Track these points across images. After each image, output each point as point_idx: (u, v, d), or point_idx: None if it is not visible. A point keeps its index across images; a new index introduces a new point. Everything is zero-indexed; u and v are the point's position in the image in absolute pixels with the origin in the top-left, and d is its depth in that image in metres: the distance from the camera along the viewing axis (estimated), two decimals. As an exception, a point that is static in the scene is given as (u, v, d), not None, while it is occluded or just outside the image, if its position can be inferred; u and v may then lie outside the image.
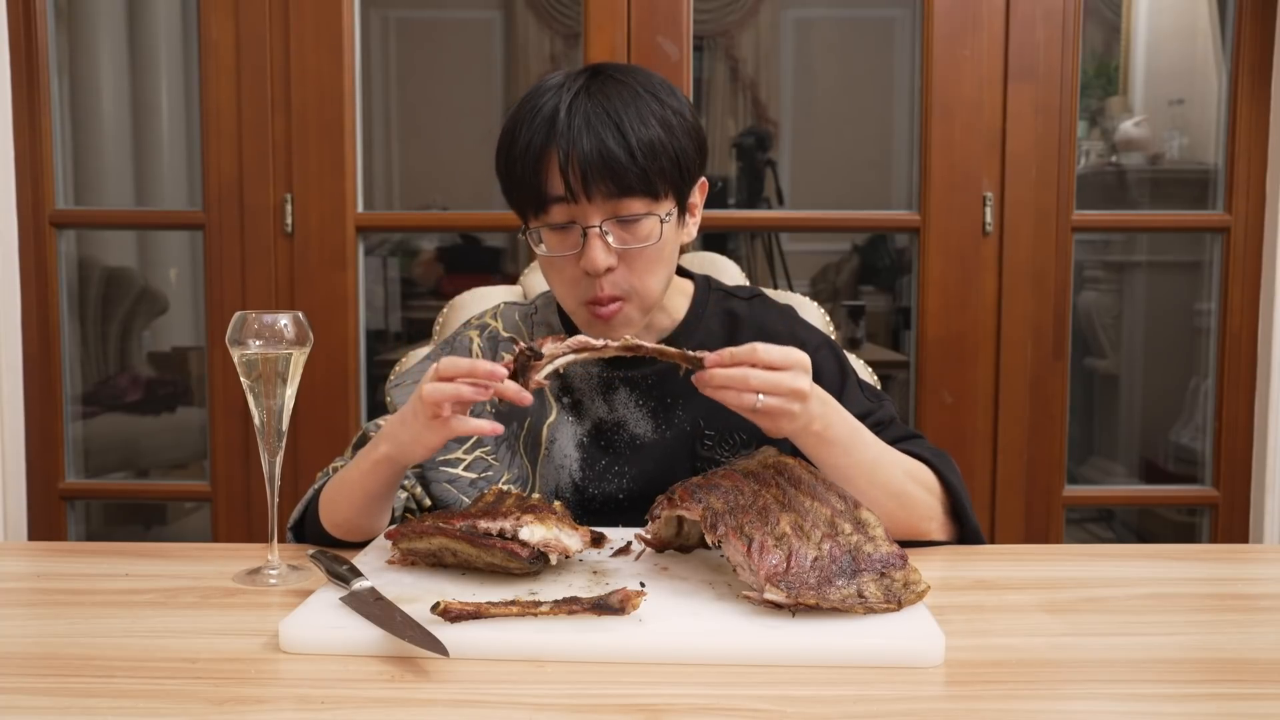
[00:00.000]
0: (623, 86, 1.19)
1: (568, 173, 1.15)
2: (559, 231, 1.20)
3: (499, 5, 4.93)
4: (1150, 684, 0.82)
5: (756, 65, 4.91)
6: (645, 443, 1.28)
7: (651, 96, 1.19)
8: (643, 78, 1.21)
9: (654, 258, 1.21)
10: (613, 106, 1.16)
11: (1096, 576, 1.11)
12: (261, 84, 2.31)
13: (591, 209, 1.17)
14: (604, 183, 1.15)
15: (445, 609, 0.87)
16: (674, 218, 1.22)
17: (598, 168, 1.15)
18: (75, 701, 0.78)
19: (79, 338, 2.86)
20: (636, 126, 1.16)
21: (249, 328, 1.07)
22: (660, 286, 1.24)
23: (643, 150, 1.16)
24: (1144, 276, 3.32)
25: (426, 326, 1.74)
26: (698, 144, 1.23)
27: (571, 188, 1.16)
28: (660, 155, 1.17)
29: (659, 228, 1.19)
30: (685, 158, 1.21)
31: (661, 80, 1.23)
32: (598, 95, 1.17)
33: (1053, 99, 2.27)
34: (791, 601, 0.89)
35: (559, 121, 1.16)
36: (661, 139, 1.17)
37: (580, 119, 1.16)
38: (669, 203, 1.21)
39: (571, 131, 1.15)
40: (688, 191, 1.25)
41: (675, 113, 1.20)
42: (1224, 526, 2.38)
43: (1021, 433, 2.33)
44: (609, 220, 1.18)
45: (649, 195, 1.18)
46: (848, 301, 4.14)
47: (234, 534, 2.38)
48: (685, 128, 1.21)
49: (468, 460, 1.28)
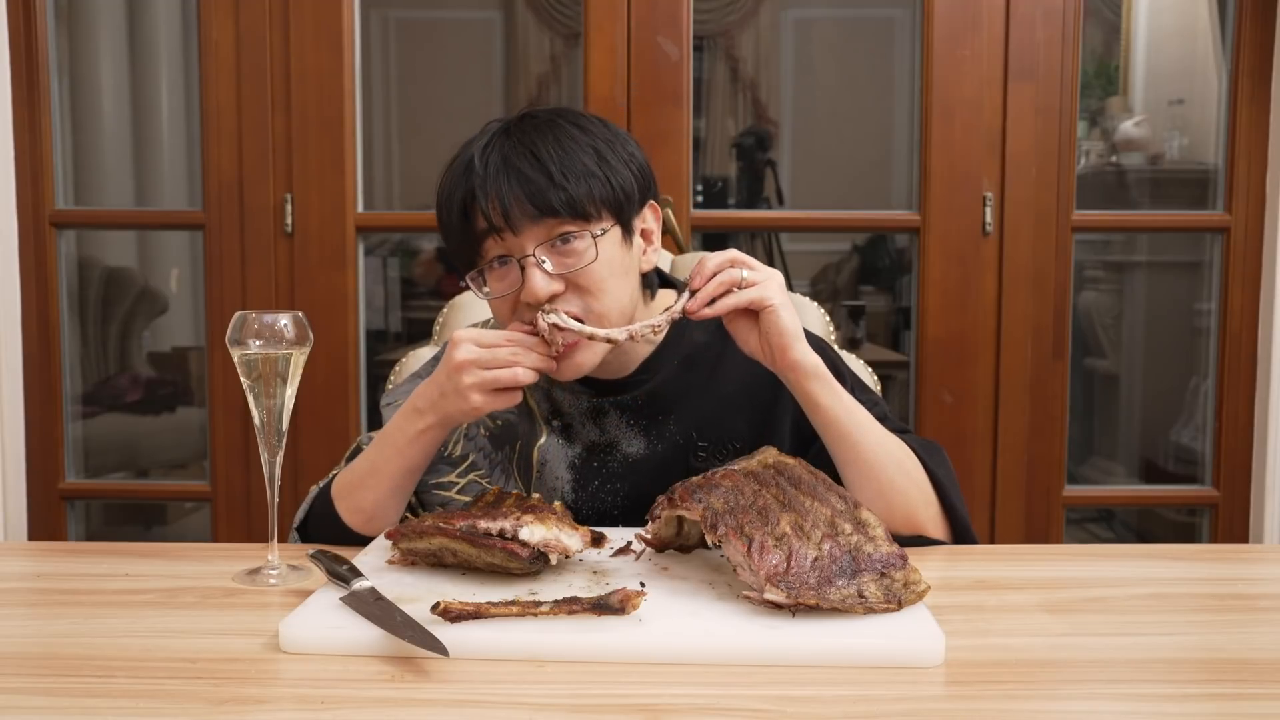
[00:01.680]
0: (544, 124, 1.18)
1: (487, 206, 1.15)
2: (498, 270, 1.19)
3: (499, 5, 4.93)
4: (1150, 684, 0.82)
5: (756, 65, 4.91)
6: (637, 459, 1.28)
7: (577, 128, 1.19)
8: (571, 116, 1.21)
9: (600, 276, 1.17)
10: (528, 139, 1.17)
11: (1096, 576, 1.11)
12: (261, 84, 2.31)
13: (522, 239, 1.16)
14: (524, 206, 1.14)
15: (445, 609, 0.87)
16: (613, 234, 1.19)
17: (515, 195, 1.14)
18: (75, 701, 0.78)
19: (79, 338, 2.86)
20: (554, 150, 1.16)
21: (249, 328, 1.07)
22: (617, 306, 1.19)
23: (563, 171, 1.15)
24: (1144, 276, 3.32)
25: (426, 326, 1.74)
26: (636, 168, 1.21)
27: (492, 220, 1.15)
28: (584, 177, 1.16)
29: (593, 245, 1.16)
30: (618, 178, 1.19)
31: (595, 118, 1.23)
32: (515, 134, 1.18)
33: (1053, 99, 2.27)
34: (791, 601, 0.89)
35: (475, 165, 1.17)
36: (585, 162, 1.16)
37: (496, 156, 1.16)
38: (605, 222, 1.18)
39: (487, 169, 1.16)
40: (630, 213, 1.21)
41: (606, 141, 1.19)
42: (1224, 526, 2.38)
43: (1021, 433, 2.33)
44: (542, 246, 1.16)
45: (576, 216, 1.16)
46: (848, 301, 4.14)
47: (234, 534, 2.38)
48: (620, 156, 1.19)
49: (461, 484, 1.27)
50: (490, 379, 1.09)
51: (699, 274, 1.10)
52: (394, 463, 1.17)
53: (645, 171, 1.23)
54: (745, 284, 1.09)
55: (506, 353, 1.09)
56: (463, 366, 1.09)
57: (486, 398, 1.10)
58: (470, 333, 1.11)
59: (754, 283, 1.09)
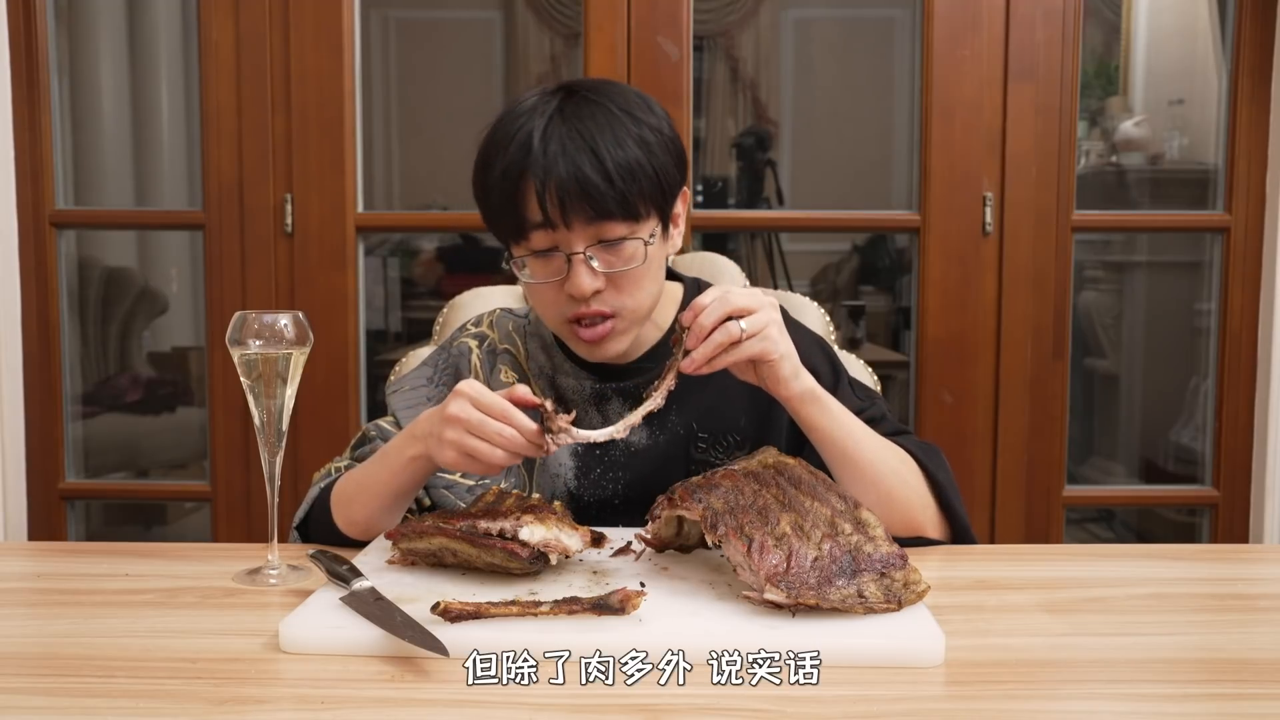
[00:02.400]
0: (596, 107, 1.17)
1: (545, 200, 1.14)
2: (542, 258, 1.19)
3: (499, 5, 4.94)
4: (1150, 684, 0.82)
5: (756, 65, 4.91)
6: (639, 449, 1.28)
7: (627, 115, 1.18)
8: (617, 96, 1.20)
9: (640, 276, 1.20)
10: (587, 130, 1.15)
11: (1096, 576, 1.11)
12: (261, 84, 2.31)
13: (573, 236, 1.16)
14: (582, 209, 1.14)
15: (445, 609, 0.87)
16: (658, 237, 1.21)
17: (575, 194, 1.14)
18: (75, 701, 0.78)
19: (79, 338, 2.86)
20: (613, 149, 1.15)
21: (249, 328, 1.07)
22: (649, 300, 1.24)
23: (620, 174, 1.14)
24: (1144, 276, 3.32)
25: (426, 326, 1.74)
26: (677, 158, 1.22)
27: (550, 216, 1.15)
28: (639, 176, 1.16)
29: (643, 249, 1.19)
30: (665, 175, 1.19)
31: (637, 95, 1.22)
32: (572, 119, 1.16)
33: (1053, 99, 2.27)
34: (791, 601, 0.89)
35: (533, 148, 1.15)
36: (639, 159, 1.16)
37: (555, 144, 1.14)
38: (651, 222, 1.20)
39: (547, 158, 1.14)
40: (670, 207, 1.23)
41: (653, 129, 1.19)
42: (1224, 526, 2.38)
43: (1021, 433, 2.33)
44: (593, 246, 1.17)
45: (630, 218, 1.17)
46: (848, 301, 4.14)
47: (234, 534, 2.38)
48: (663, 143, 1.19)
49: None
50: (469, 447, 1.05)
51: (695, 333, 1.06)
52: (387, 484, 1.16)
53: (682, 156, 1.24)
54: (744, 335, 1.06)
55: (495, 429, 1.04)
56: (452, 420, 1.06)
57: (460, 459, 1.06)
58: (473, 390, 1.07)
59: (753, 333, 1.06)
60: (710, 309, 1.06)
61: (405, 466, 1.14)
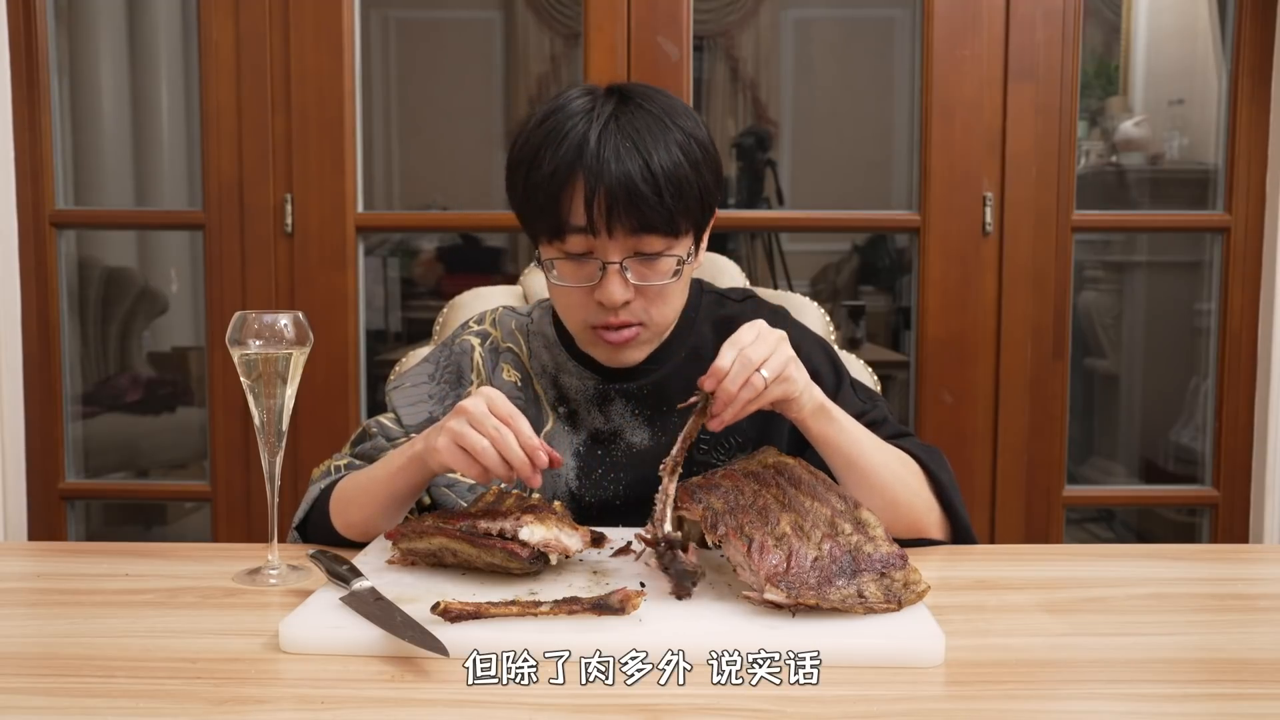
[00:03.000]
0: (652, 118, 1.16)
1: (592, 206, 1.14)
2: (575, 261, 1.18)
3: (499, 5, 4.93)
4: (1150, 684, 0.82)
5: (756, 65, 4.91)
6: (641, 449, 1.28)
7: (676, 127, 1.17)
8: (666, 103, 1.19)
9: (670, 291, 1.21)
10: (642, 140, 1.14)
11: (1096, 576, 1.11)
12: (261, 84, 2.31)
13: (612, 244, 1.16)
14: (628, 219, 1.14)
15: (445, 609, 0.87)
16: (692, 256, 1.22)
17: (624, 203, 1.13)
18: (75, 701, 0.78)
19: (79, 338, 2.86)
20: (664, 162, 1.14)
21: (249, 328, 1.07)
22: (674, 315, 1.25)
23: (670, 188, 1.14)
24: (1144, 276, 3.32)
25: (426, 326, 1.74)
26: (716, 176, 1.22)
27: (594, 222, 1.14)
28: (685, 194, 1.16)
29: (676, 265, 1.19)
30: (707, 193, 1.19)
31: (684, 107, 1.21)
32: (627, 127, 1.15)
33: (1053, 99, 2.27)
34: (791, 601, 0.89)
35: (588, 151, 1.13)
36: (687, 176, 1.16)
37: (610, 150, 1.13)
38: (687, 240, 1.20)
39: (600, 163, 1.13)
40: (705, 227, 1.24)
41: (700, 145, 1.18)
42: (1224, 526, 2.38)
43: (1021, 433, 2.33)
44: (630, 257, 1.17)
45: (670, 233, 1.17)
46: (848, 301, 4.14)
47: (234, 534, 2.38)
48: (708, 161, 1.19)
49: None
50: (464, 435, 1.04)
51: (722, 399, 1.04)
52: (384, 485, 1.16)
53: (720, 174, 1.24)
54: (767, 384, 1.04)
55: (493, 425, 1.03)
56: (460, 411, 1.05)
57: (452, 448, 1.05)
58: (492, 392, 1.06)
59: (774, 379, 1.04)
60: (733, 374, 1.03)
61: (403, 467, 1.14)
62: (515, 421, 1.04)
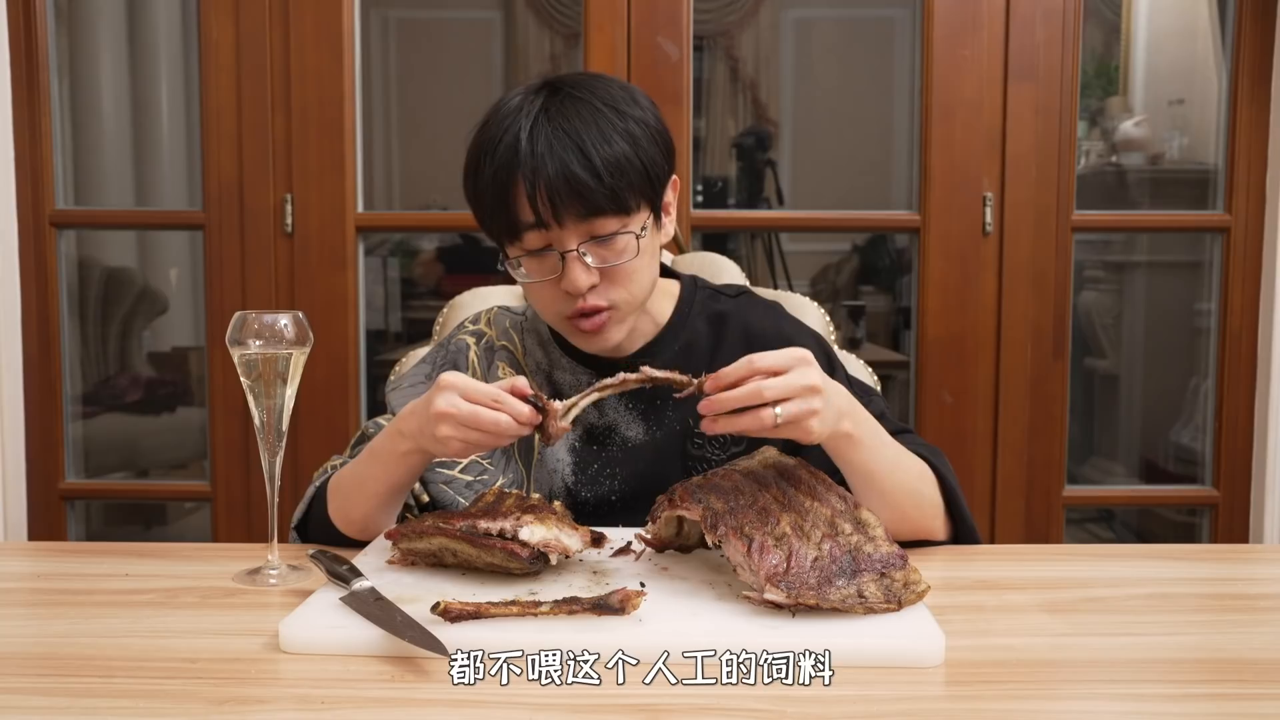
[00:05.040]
0: (581, 104, 1.18)
1: (536, 201, 1.15)
2: (536, 257, 1.20)
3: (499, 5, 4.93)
4: (1150, 684, 0.82)
5: (756, 65, 4.91)
6: (636, 445, 1.28)
7: (612, 109, 1.18)
8: (601, 90, 1.20)
9: (634, 268, 1.21)
10: (573, 128, 1.16)
11: (1096, 576, 1.11)
12: (261, 84, 2.31)
13: (565, 233, 1.17)
14: (573, 207, 1.15)
15: (445, 609, 0.87)
16: (649, 229, 1.22)
17: (565, 193, 1.15)
18: (75, 701, 0.78)
19: (79, 338, 2.86)
20: (600, 146, 1.15)
21: (249, 328, 1.07)
22: (644, 291, 1.25)
23: (609, 170, 1.15)
24: (1144, 276, 3.32)
25: (426, 326, 1.74)
26: (664, 148, 1.22)
27: (541, 216, 1.16)
28: (627, 171, 1.17)
29: (634, 242, 1.20)
30: (654, 167, 1.20)
31: (621, 87, 1.22)
32: (557, 117, 1.16)
33: (1053, 99, 2.27)
34: (791, 601, 0.89)
35: (521, 150, 1.16)
36: (627, 154, 1.17)
37: (542, 144, 1.15)
38: (642, 215, 1.21)
39: (535, 159, 1.15)
40: (660, 198, 1.24)
41: (638, 122, 1.19)
42: (1224, 526, 2.38)
43: (1021, 433, 2.33)
44: (586, 242, 1.18)
45: (621, 212, 1.18)
46: (848, 301, 4.14)
47: (234, 534, 2.38)
48: (649, 135, 1.20)
49: (463, 463, 1.28)
50: (471, 440, 1.04)
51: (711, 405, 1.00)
52: (381, 480, 1.16)
53: (670, 146, 1.24)
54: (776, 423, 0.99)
55: (490, 419, 1.03)
56: (443, 417, 1.04)
57: (466, 447, 1.06)
58: (456, 381, 1.05)
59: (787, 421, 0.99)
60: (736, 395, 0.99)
61: (399, 462, 1.14)
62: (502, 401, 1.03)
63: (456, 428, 1.04)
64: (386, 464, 1.15)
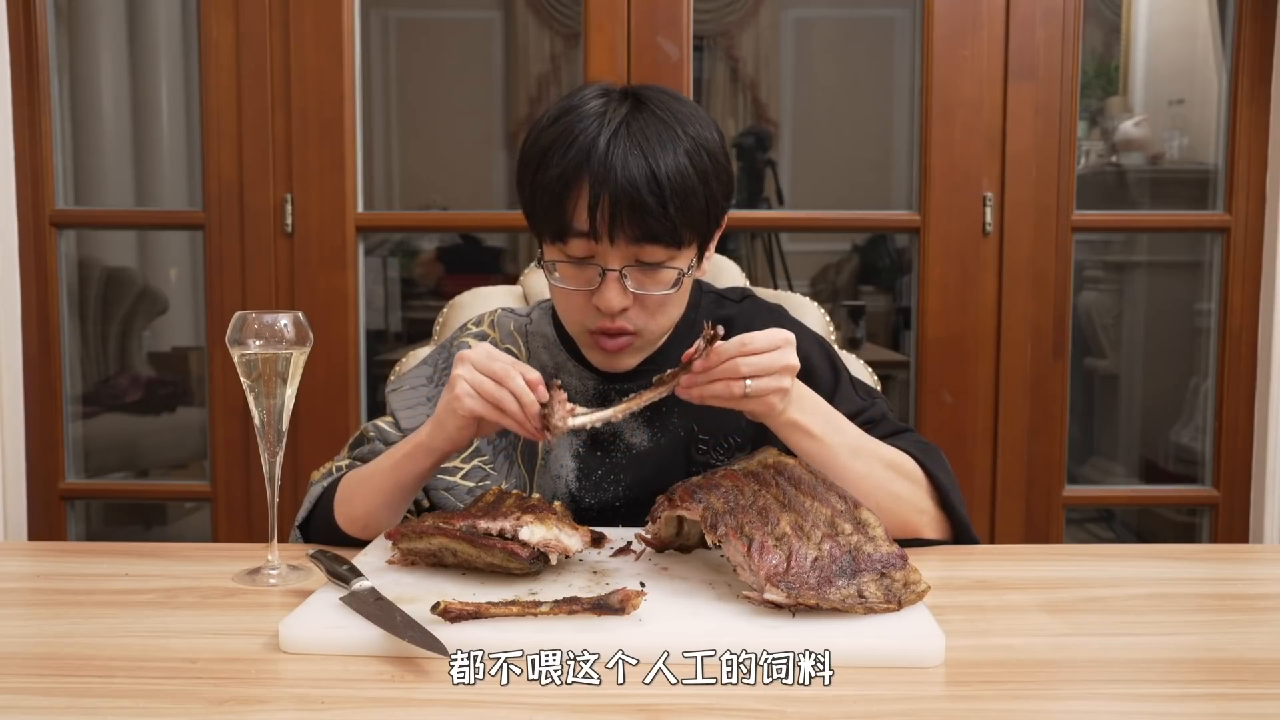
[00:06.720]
0: (665, 127, 1.15)
1: (596, 212, 1.13)
2: (576, 264, 1.18)
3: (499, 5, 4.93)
4: (1150, 684, 0.82)
5: (756, 65, 4.91)
6: (641, 450, 1.28)
7: (688, 136, 1.15)
8: (681, 110, 1.18)
9: (668, 301, 1.20)
10: (650, 147, 1.13)
11: (1096, 576, 1.11)
12: (261, 84, 2.31)
13: (613, 251, 1.15)
14: (630, 227, 1.13)
15: (445, 609, 0.87)
16: (694, 268, 1.21)
17: (627, 211, 1.12)
18: (75, 701, 0.78)
19: (79, 338, 2.86)
20: (671, 171, 1.13)
21: (249, 328, 1.07)
22: (671, 324, 1.25)
23: (675, 199, 1.13)
24: (1144, 276, 3.32)
25: (426, 326, 1.74)
26: (726, 187, 1.20)
27: (596, 228, 1.14)
28: (690, 205, 1.14)
29: (676, 277, 1.18)
30: (714, 204, 1.18)
31: (699, 113, 1.19)
32: (638, 133, 1.14)
33: (1053, 99, 2.27)
34: (791, 601, 0.89)
35: (595, 156, 1.13)
36: (694, 186, 1.14)
37: (618, 157, 1.12)
38: (690, 251, 1.19)
39: (607, 169, 1.12)
40: (711, 237, 1.23)
41: (710, 154, 1.17)
42: (1224, 526, 2.38)
43: (1021, 433, 2.33)
44: (630, 265, 1.16)
45: (672, 244, 1.15)
46: (848, 301, 4.15)
47: (234, 534, 2.38)
48: (717, 171, 1.18)
49: (465, 469, 1.28)
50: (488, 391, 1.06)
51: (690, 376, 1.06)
52: (389, 474, 1.17)
53: (732, 184, 1.23)
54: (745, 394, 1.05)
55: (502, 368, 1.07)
56: (461, 360, 1.09)
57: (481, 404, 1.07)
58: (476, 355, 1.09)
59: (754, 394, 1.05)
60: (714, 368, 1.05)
61: (408, 455, 1.15)
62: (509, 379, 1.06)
63: (471, 373, 1.06)
64: (395, 457, 1.16)
